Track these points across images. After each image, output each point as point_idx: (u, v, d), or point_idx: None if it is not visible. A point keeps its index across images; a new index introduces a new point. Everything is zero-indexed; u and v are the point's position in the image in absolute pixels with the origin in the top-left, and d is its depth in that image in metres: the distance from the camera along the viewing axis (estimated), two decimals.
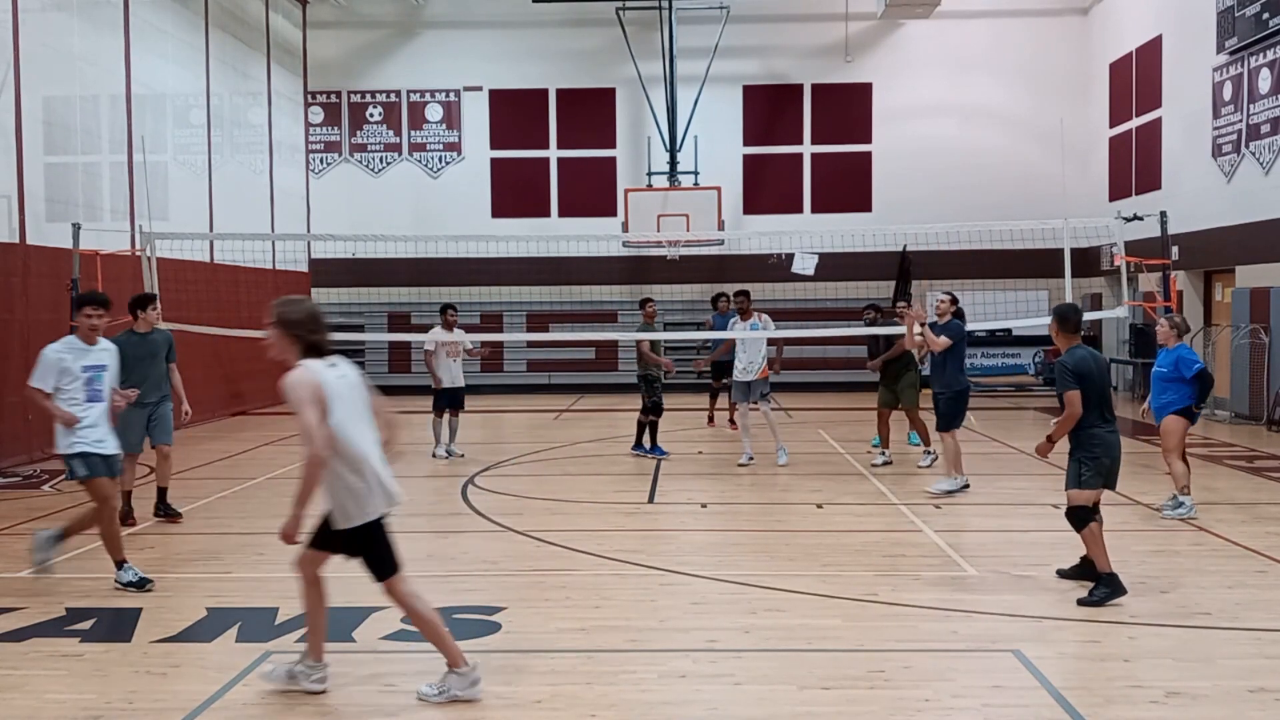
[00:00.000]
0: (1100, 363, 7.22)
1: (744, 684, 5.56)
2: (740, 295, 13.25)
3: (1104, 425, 7.13)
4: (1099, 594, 6.86)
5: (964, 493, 10.68)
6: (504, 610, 6.79)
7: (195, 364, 17.45)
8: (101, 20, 15.82)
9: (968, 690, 5.42)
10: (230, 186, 19.34)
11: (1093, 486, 7.05)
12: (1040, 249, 15.64)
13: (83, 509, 7.69)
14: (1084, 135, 23.32)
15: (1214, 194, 18.00)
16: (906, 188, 23.47)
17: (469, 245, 18.16)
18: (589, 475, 12.36)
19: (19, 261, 13.16)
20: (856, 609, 6.85)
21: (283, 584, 7.50)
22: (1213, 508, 9.80)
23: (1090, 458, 7.04)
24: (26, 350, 13.06)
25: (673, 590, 7.29)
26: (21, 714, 5.24)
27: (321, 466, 5.07)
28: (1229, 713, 5.13)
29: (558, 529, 9.32)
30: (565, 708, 5.24)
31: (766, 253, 21.91)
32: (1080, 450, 7.10)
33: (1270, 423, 15.72)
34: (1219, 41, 17.66)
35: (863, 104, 24.09)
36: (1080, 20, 23.81)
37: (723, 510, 10.34)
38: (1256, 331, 16.19)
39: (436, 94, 24.37)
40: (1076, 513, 7.07)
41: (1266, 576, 7.57)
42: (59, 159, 15.02)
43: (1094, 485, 7.06)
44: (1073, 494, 7.09)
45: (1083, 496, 7.06)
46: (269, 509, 10.46)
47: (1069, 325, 7.32)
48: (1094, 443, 7.06)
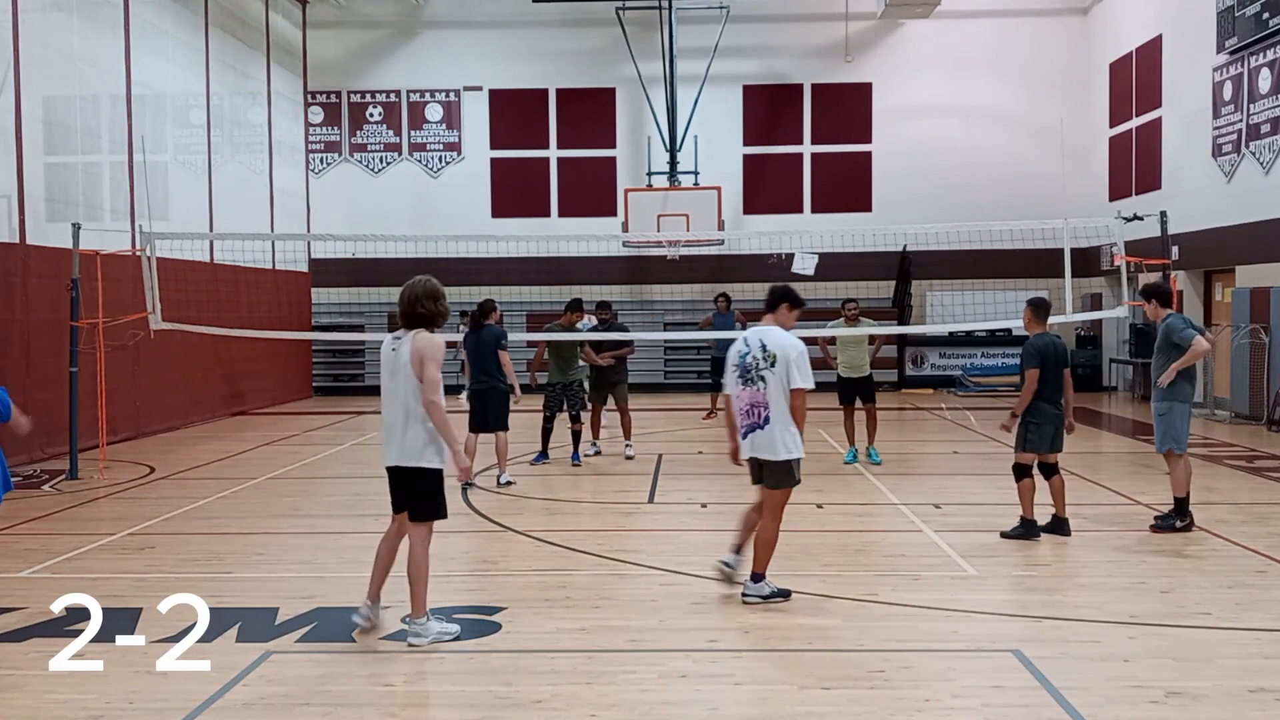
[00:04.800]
0: (1059, 349, 8.68)
1: (744, 684, 5.56)
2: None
3: (1049, 402, 8.63)
4: (1017, 530, 8.63)
5: (965, 493, 10.69)
6: (504, 610, 6.79)
7: (195, 364, 17.54)
8: (101, 20, 15.82)
9: (968, 690, 5.42)
10: (230, 186, 19.34)
11: (1035, 450, 8.67)
12: (1040, 249, 15.64)
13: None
14: (1084, 135, 23.31)
15: (1214, 194, 17.99)
16: (906, 188, 23.46)
17: (469, 245, 18.14)
18: (589, 475, 12.35)
19: (19, 261, 13.15)
20: (856, 609, 6.85)
21: (283, 584, 7.52)
22: (1213, 508, 9.79)
23: (1035, 424, 8.62)
24: (26, 350, 13.07)
25: (673, 590, 7.29)
26: (21, 714, 5.24)
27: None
28: (1229, 713, 5.13)
29: (558, 529, 9.32)
30: (565, 708, 5.24)
31: (766, 253, 21.90)
32: (1029, 417, 8.65)
33: (1270, 423, 15.72)
34: (1219, 41, 17.66)
35: (863, 104, 24.09)
36: (1080, 20, 23.81)
37: (723, 510, 10.31)
38: (1256, 331, 16.19)
39: (436, 94, 24.37)
40: (1018, 469, 8.74)
41: (1266, 576, 7.57)
42: (59, 159, 15.02)
43: (1035, 449, 8.67)
44: (1019, 455, 8.75)
45: (1025, 457, 8.72)
46: (269, 509, 10.47)
47: (1041, 314, 8.86)
48: (1040, 413, 8.62)
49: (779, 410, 6.74)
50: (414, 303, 6.17)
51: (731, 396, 6.98)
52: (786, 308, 7.01)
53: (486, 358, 11.21)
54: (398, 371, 6.14)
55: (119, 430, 14.86)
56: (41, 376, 13.13)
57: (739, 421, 6.92)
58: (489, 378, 11.22)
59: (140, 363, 15.33)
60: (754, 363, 6.81)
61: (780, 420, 6.74)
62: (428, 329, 6.20)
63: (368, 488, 11.75)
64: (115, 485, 11.70)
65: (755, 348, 6.84)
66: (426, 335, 6.18)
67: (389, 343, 6.25)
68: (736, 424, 6.94)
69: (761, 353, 6.80)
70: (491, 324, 11.44)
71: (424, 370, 6.06)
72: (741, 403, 6.88)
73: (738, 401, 6.91)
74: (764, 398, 6.76)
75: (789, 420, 6.75)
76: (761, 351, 6.80)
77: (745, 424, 6.87)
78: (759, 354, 6.80)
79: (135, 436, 15.50)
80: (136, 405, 15.56)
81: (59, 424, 12.87)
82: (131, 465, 13.08)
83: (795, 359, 6.73)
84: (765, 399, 6.75)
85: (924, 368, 23.45)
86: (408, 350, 6.12)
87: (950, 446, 14.63)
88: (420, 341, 6.12)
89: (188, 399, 17.43)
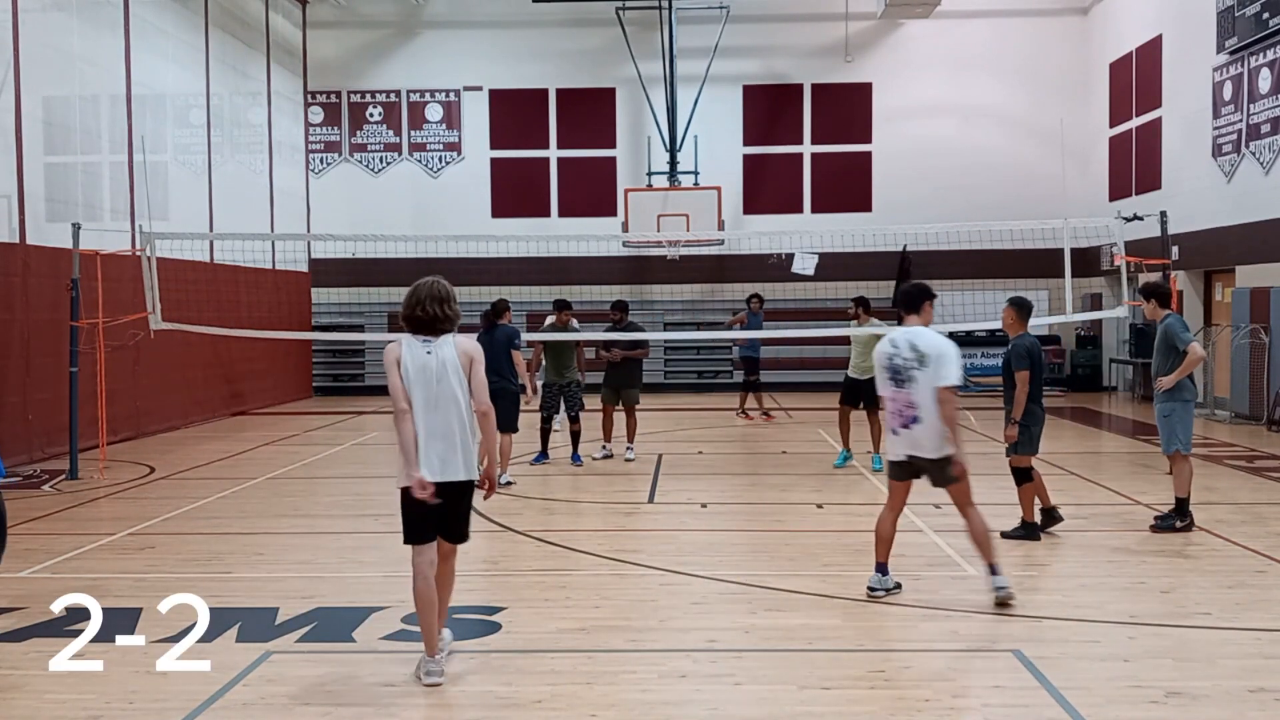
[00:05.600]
0: (1041, 350, 8.77)
1: (744, 684, 5.56)
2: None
3: (1036, 403, 8.62)
4: (1018, 531, 8.61)
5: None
6: (504, 610, 6.79)
7: (195, 364, 17.54)
8: (101, 20, 15.82)
9: (968, 690, 5.43)
10: (230, 186, 19.34)
11: (1028, 451, 8.61)
12: (1040, 249, 15.64)
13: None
14: (1084, 135, 23.31)
15: (1214, 194, 18.00)
16: (906, 188, 23.46)
17: (469, 245, 18.14)
18: (589, 475, 12.35)
19: (19, 261, 13.15)
20: (856, 609, 6.85)
21: (283, 584, 7.52)
22: (1213, 508, 9.79)
23: (1024, 426, 8.55)
24: (26, 350, 13.07)
25: (673, 590, 7.30)
26: (21, 714, 5.24)
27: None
28: (1229, 713, 5.13)
29: (558, 529, 9.32)
30: (565, 708, 5.24)
31: (766, 253, 21.94)
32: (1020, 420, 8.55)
33: (1270, 423, 15.72)
34: (1219, 41, 17.66)
35: (863, 104, 24.09)
36: (1080, 20, 23.81)
37: (723, 510, 10.34)
38: (1256, 331, 16.19)
39: (436, 94, 24.37)
40: (1018, 473, 8.68)
41: (1266, 576, 7.57)
42: (59, 159, 15.02)
43: (1029, 450, 8.62)
44: (1014, 459, 8.68)
45: (1023, 460, 8.64)
46: (269, 509, 10.47)
47: (1025, 315, 8.73)
48: (1030, 415, 8.56)
49: (930, 409, 6.77)
50: (416, 306, 5.68)
51: (885, 398, 7.01)
52: (929, 305, 7.05)
53: (499, 358, 11.19)
54: (443, 377, 5.61)
55: (119, 430, 14.86)
56: (41, 376, 13.13)
57: (892, 423, 6.96)
58: (501, 378, 11.18)
59: (140, 363, 15.33)
60: (904, 364, 6.82)
61: (931, 419, 6.77)
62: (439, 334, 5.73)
63: (368, 488, 11.76)
64: (115, 485, 11.70)
65: (904, 348, 6.84)
66: (465, 336, 5.85)
67: (417, 345, 5.64)
68: (890, 425, 7.00)
69: (912, 353, 6.80)
70: (505, 324, 11.44)
71: (474, 374, 5.69)
72: (895, 404, 6.91)
73: (891, 403, 6.94)
74: (915, 397, 6.79)
75: (939, 418, 6.76)
76: (912, 352, 6.80)
77: (898, 424, 6.92)
78: (909, 354, 6.81)
79: (135, 436, 15.50)
80: (136, 405, 15.56)
81: (59, 424, 12.88)
82: (131, 465, 13.08)
83: (948, 357, 6.76)
84: (916, 399, 6.78)
85: None
86: (453, 353, 5.66)
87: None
88: (466, 343, 5.76)
89: (188, 399, 17.43)
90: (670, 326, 23.17)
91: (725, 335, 22.71)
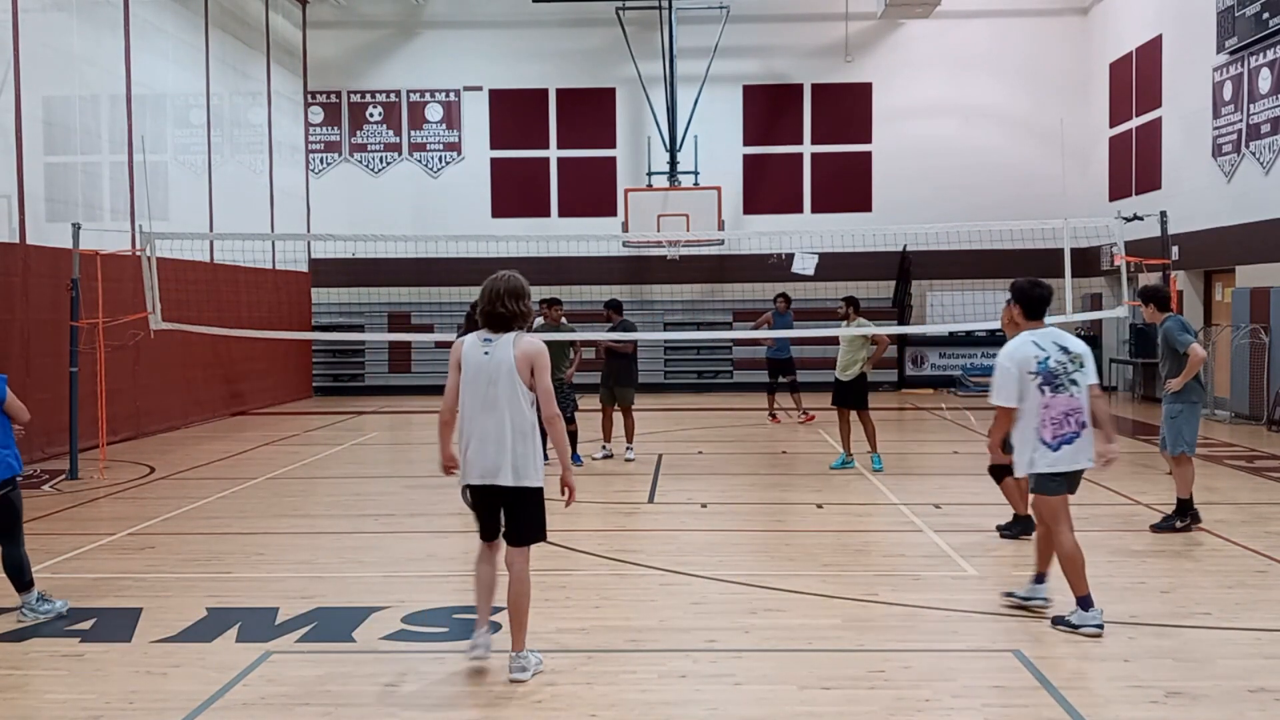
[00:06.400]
0: None
1: (744, 684, 5.56)
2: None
3: None
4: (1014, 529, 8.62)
5: (965, 493, 10.69)
6: (504, 610, 6.78)
7: (195, 364, 17.54)
8: (101, 20, 15.81)
9: (968, 690, 5.42)
10: (230, 186, 19.34)
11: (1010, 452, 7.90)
12: (1040, 249, 15.61)
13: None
14: (1084, 135, 23.31)
15: (1214, 194, 18.00)
16: (906, 188, 23.46)
17: (469, 245, 18.11)
18: (589, 475, 12.35)
19: (19, 261, 13.16)
20: (856, 609, 6.85)
21: (283, 584, 7.52)
22: (1213, 508, 9.78)
23: None
24: (26, 350, 13.07)
25: (673, 590, 7.29)
26: (21, 714, 5.25)
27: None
28: (1229, 713, 5.13)
29: (558, 529, 9.28)
30: (565, 708, 5.24)
31: (766, 253, 21.93)
32: None
33: (1270, 423, 15.72)
34: (1219, 41, 17.66)
35: (863, 104, 24.09)
36: (1080, 20, 23.81)
37: (723, 510, 10.33)
38: (1256, 331, 16.19)
39: (436, 94, 24.37)
40: (995, 470, 8.55)
41: (1266, 576, 7.57)
42: (59, 159, 15.02)
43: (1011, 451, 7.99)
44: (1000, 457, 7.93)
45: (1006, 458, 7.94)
46: (269, 509, 10.47)
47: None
48: None
49: (1088, 415, 6.45)
50: (494, 300, 5.55)
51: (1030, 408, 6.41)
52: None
53: None
54: (498, 379, 5.51)
55: (119, 430, 14.86)
56: (41, 376, 13.12)
57: (1049, 433, 6.36)
58: None
59: (140, 363, 15.33)
60: (1059, 367, 6.38)
61: (1089, 424, 6.45)
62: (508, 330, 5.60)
63: (368, 488, 11.77)
64: (115, 485, 11.70)
65: (1055, 351, 6.40)
66: (531, 339, 5.61)
67: (476, 344, 5.58)
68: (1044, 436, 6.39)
69: (1065, 356, 6.39)
70: None
71: (538, 380, 5.55)
72: (1052, 411, 6.37)
73: (1045, 410, 6.37)
74: (1079, 403, 6.39)
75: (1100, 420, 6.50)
76: (1065, 355, 6.40)
77: (1061, 434, 6.37)
78: (1063, 358, 6.40)
79: (135, 436, 15.50)
80: (136, 405, 15.56)
81: (59, 424, 12.87)
82: (131, 465, 13.08)
83: (1091, 356, 6.56)
84: (1080, 404, 6.40)
85: (924, 368, 23.46)
86: (510, 355, 5.52)
87: (950, 446, 14.63)
88: (528, 346, 5.54)
89: (188, 399, 17.43)
90: (670, 326, 23.18)
91: (725, 335, 22.81)
